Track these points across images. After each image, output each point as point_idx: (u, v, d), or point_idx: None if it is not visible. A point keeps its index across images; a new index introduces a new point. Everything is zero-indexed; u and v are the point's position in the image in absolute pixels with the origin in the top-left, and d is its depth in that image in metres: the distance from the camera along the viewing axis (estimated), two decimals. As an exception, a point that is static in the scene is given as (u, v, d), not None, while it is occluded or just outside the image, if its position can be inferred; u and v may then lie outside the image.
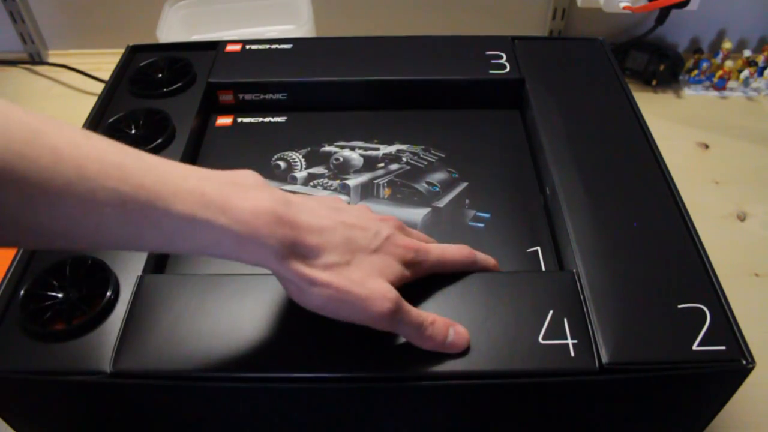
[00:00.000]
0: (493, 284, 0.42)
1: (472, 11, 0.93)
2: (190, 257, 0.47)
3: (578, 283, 0.41)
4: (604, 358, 0.38)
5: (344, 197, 0.52)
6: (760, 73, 0.87)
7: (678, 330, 0.39)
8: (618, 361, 0.38)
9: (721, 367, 0.38)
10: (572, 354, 0.38)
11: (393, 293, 0.37)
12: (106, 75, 0.62)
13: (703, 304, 0.40)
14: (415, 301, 0.41)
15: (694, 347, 0.38)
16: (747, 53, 0.89)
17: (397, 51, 0.62)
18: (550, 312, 0.40)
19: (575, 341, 0.39)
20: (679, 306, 0.40)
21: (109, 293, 0.41)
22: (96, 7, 0.92)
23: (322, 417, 0.42)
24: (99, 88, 0.83)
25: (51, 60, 0.95)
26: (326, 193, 0.52)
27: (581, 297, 0.41)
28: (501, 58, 0.61)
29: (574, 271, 0.42)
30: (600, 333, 0.39)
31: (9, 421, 0.43)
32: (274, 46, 0.63)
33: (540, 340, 0.39)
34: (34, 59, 0.95)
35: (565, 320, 0.40)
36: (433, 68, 0.60)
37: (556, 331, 0.39)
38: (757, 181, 0.75)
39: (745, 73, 0.87)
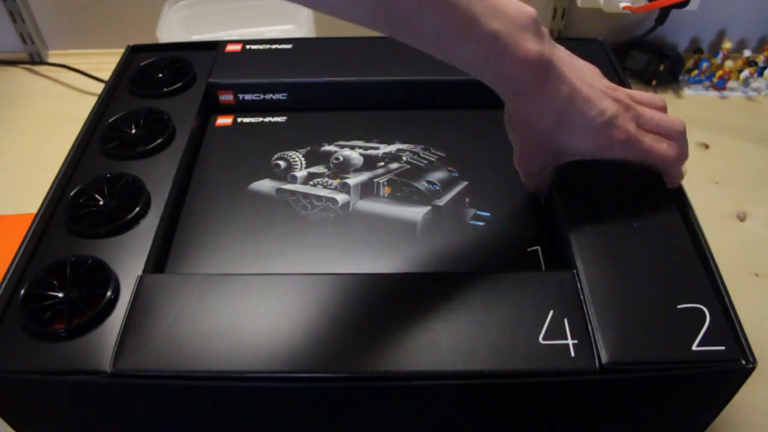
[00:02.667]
0: (493, 284, 0.42)
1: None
2: (194, 255, 0.47)
3: (578, 284, 0.41)
4: (604, 358, 0.38)
5: (344, 196, 0.52)
6: (760, 73, 0.87)
7: (678, 330, 0.39)
8: (618, 361, 0.38)
9: (721, 367, 0.38)
10: (572, 354, 0.38)
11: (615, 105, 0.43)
12: (106, 75, 0.62)
13: (703, 305, 0.40)
14: (415, 300, 0.41)
15: (694, 347, 0.38)
16: (747, 53, 0.89)
17: (397, 51, 0.61)
18: (551, 312, 0.40)
19: (575, 341, 0.39)
20: (679, 306, 0.40)
21: (109, 293, 0.41)
22: (96, 7, 0.92)
23: (323, 416, 0.42)
24: (99, 88, 0.83)
25: (51, 60, 0.95)
26: (326, 192, 0.52)
27: (581, 297, 0.41)
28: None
29: (574, 271, 0.42)
30: (600, 333, 0.39)
31: (9, 421, 0.43)
32: (274, 46, 0.63)
33: (540, 340, 0.39)
34: (34, 59, 0.95)
35: (566, 320, 0.40)
36: (433, 68, 0.59)
37: (556, 331, 0.39)
38: (757, 181, 0.75)
39: (745, 73, 0.87)
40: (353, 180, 0.53)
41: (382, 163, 0.55)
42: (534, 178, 0.49)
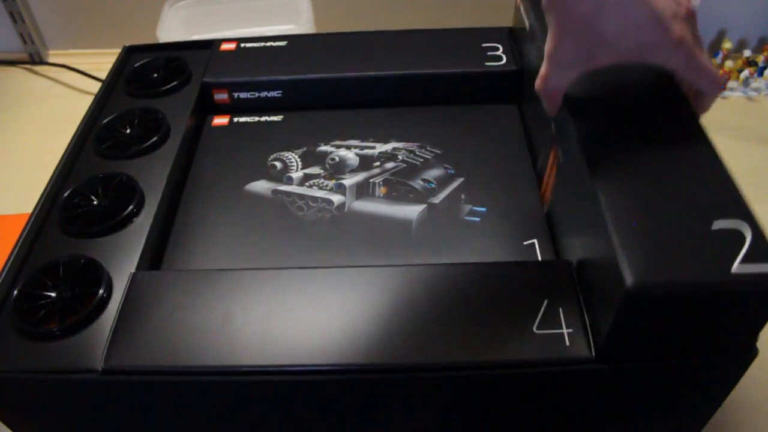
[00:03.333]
0: (487, 274, 0.42)
1: (468, 4, 0.93)
2: (189, 256, 0.47)
3: (598, 201, 0.37)
4: (629, 280, 0.33)
5: (339, 197, 0.52)
6: (760, 73, 0.87)
7: (714, 249, 0.34)
8: (645, 283, 0.33)
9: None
10: (567, 343, 0.38)
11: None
12: (105, 75, 0.62)
13: (742, 219, 0.35)
14: (409, 292, 0.41)
15: (734, 269, 0.33)
16: (747, 53, 0.88)
17: (392, 45, 0.62)
18: (545, 301, 0.40)
19: (570, 330, 0.38)
20: (715, 224, 0.35)
21: (101, 291, 0.41)
22: (96, 7, 0.92)
23: (317, 409, 0.42)
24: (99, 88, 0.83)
25: (51, 60, 0.95)
26: (322, 193, 0.52)
27: (576, 288, 0.40)
28: (497, 50, 0.60)
29: (590, 180, 0.38)
30: (623, 252, 0.34)
31: (4, 420, 0.43)
32: (269, 44, 0.63)
33: (535, 329, 0.38)
34: (34, 59, 0.95)
35: (560, 309, 0.39)
36: (428, 62, 0.59)
37: (550, 320, 0.39)
38: (757, 181, 0.74)
39: (745, 73, 0.86)
40: (349, 181, 0.53)
41: (377, 163, 0.55)
42: (560, 74, 0.42)
